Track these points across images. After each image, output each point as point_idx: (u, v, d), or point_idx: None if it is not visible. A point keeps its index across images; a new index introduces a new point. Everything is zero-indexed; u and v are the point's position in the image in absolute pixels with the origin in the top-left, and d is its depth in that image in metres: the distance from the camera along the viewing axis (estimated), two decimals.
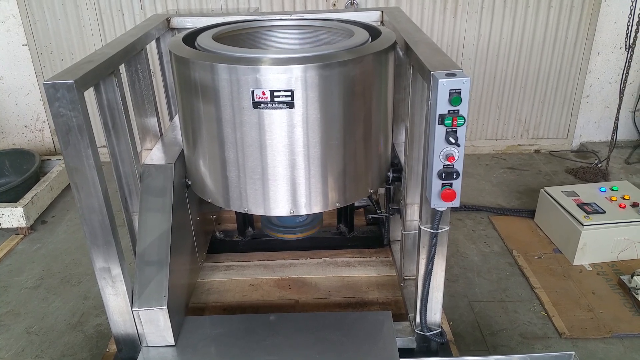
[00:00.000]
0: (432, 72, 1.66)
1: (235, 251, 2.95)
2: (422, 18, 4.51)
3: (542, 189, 3.63)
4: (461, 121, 1.64)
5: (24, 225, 3.71)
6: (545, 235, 3.61)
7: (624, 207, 3.31)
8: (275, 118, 1.90)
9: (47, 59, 4.62)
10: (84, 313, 2.98)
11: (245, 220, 3.00)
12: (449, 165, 1.72)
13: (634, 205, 3.32)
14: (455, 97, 1.61)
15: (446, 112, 1.64)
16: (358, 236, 3.00)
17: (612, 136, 4.42)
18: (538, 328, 2.81)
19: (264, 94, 1.84)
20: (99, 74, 1.88)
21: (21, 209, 3.65)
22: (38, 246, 3.64)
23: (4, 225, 3.70)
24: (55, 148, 5.00)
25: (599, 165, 4.61)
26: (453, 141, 1.66)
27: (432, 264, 2.00)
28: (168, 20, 2.77)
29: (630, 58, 4.16)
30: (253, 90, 1.84)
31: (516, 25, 4.56)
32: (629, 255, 3.27)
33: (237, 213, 2.96)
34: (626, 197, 3.40)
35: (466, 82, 1.60)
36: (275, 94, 1.84)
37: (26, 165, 4.20)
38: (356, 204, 3.14)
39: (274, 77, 1.82)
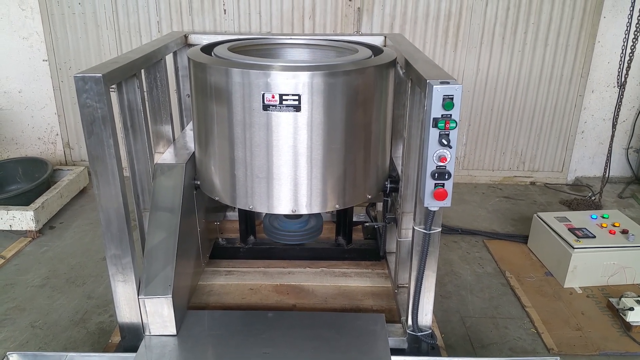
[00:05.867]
0: (427, 80, 1.82)
1: (237, 258, 3.06)
2: (423, 51, 4.73)
3: (535, 214, 3.76)
4: (453, 125, 1.79)
5: (33, 229, 3.83)
6: (537, 259, 3.71)
7: (614, 233, 3.42)
8: (283, 120, 2.06)
9: (65, 75, 4.85)
10: (87, 311, 3.07)
11: (248, 228, 3.12)
12: (441, 166, 1.86)
13: (624, 232, 3.44)
14: (448, 102, 1.77)
15: (440, 116, 1.79)
16: (355, 248, 3.12)
17: (605, 169, 4.57)
18: (527, 343, 2.89)
19: (273, 97, 2.01)
20: (123, 73, 2.06)
21: (32, 213, 3.79)
22: (45, 249, 3.76)
23: (14, 228, 3.82)
24: (66, 160, 5.17)
25: (593, 198, 4.74)
26: (445, 143, 1.81)
27: (424, 264, 2.12)
28: (186, 37, 2.97)
29: (622, 95, 4.35)
30: (263, 94, 2.01)
31: (514, 61, 4.79)
32: (618, 280, 3.37)
33: (240, 221, 3.10)
34: (616, 224, 3.52)
35: (458, 89, 1.76)
36: (284, 97, 2.01)
37: (38, 174, 4.36)
38: (355, 219, 3.27)
39: (283, 82, 1.99)
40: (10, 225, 3.82)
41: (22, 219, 3.79)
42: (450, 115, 1.79)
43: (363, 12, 4.62)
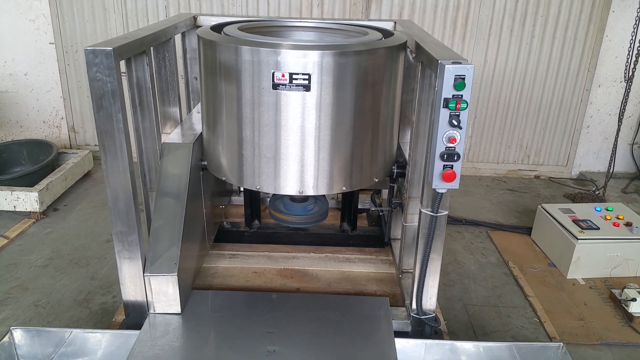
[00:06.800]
0: (439, 61, 1.81)
1: (241, 242, 3.06)
2: None
3: (539, 206, 3.76)
4: (464, 105, 1.79)
5: (37, 210, 3.84)
6: (541, 250, 3.71)
7: (618, 226, 3.42)
8: (292, 99, 2.05)
9: (72, 58, 4.84)
10: (90, 291, 3.08)
11: (253, 212, 3.12)
12: (451, 147, 1.86)
13: (628, 224, 3.43)
14: (459, 82, 1.76)
15: (450, 97, 1.79)
16: (360, 235, 3.11)
17: (610, 163, 4.56)
18: (530, 332, 2.90)
19: (283, 75, 2.00)
20: (133, 49, 2.05)
21: (36, 194, 3.79)
22: (49, 230, 3.76)
23: (18, 209, 3.82)
24: (70, 144, 5.17)
25: (597, 192, 4.74)
26: (456, 124, 1.81)
27: (430, 247, 2.11)
28: (195, 19, 2.96)
29: (629, 89, 4.33)
30: (273, 72, 2.00)
31: (521, 53, 4.78)
32: (621, 272, 3.36)
33: (245, 205, 3.09)
34: (620, 216, 3.52)
35: (470, 69, 1.76)
36: (294, 76, 2.00)
37: (42, 156, 4.36)
38: (360, 207, 3.26)
39: (294, 61, 1.98)
40: (14, 206, 3.82)
41: (26, 200, 3.80)
42: (462, 95, 1.79)
43: (372, 0, 4.60)
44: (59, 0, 4.63)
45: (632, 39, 4.38)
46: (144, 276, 2.19)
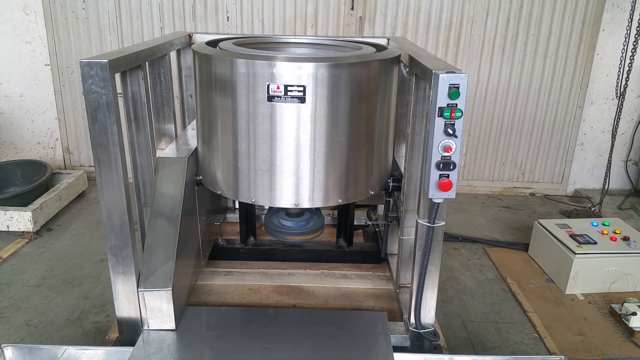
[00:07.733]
0: (433, 71, 1.83)
1: (236, 259, 3.02)
2: None
3: (536, 221, 3.75)
4: (459, 114, 1.79)
5: (31, 230, 3.80)
6: (538, 266, 3.69)
7: (615, 240, 3.41)
8: (287, 111, 2.05)
9: (67, 79, 4.86)
10: (83, 311, 3.03)
11: (248, 228, 3.09)
12: (446, 156, 1.85)
13: (625, 239, 3.43)
14: (454, 91, 1.77)
15: (445, 105, 1.80)
16: (356, 251, 3.09)
17: (605, 179, 4.57)
18: (530, 348, 2.86)
19: (278, 87, 2.01)
20: (128, 63, 2.06)
21: (30, 213, 3.76)
22: (42, 250, 3.72)
23: (11, 229, 3.79)
24: (65, 165, 5.15)
25: (592, 209, 4.74)
26: (451, 132, 1.81)
27: (428, 259, 2.09)
28: (190, 37, 2.99)
29: (621, 105, 4.38)
30: (268, 84, 2.01)
31: (514, 72, 4.83)
32: (620, 287, 3.34)
33: (240, 221, 3.07)
34: (617, 231, 3.52)
35: (464, 78, 1.77)
36: (289, 88, 2.01)
37: (37, 177, 4.34)
38: (356, 223, 3.24)
39: (288, 73, 1.99)
40: (8, 226, 3.78)
41: (19, 219, 3.76)
42: (456, 104, 1.80)
43: (365, 21, 4.66)
44: (55, 22, 4.68)
45: (622, 57, 4.45)
46: (138, 291, 2.15)
